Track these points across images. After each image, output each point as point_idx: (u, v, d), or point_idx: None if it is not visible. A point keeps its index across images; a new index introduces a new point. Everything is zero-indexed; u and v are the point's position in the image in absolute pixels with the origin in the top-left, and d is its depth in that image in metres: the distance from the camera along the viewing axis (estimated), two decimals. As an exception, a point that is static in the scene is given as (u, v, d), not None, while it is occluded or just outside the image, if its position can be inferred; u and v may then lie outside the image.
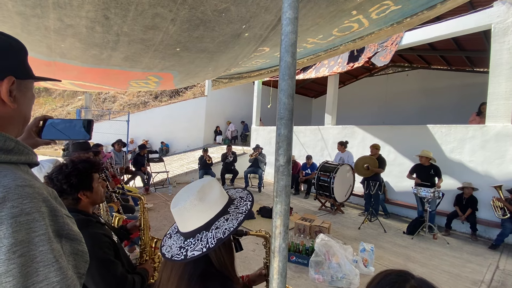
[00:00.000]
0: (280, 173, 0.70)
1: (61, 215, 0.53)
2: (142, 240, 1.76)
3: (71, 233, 0.54)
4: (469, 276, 3.15)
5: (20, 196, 0.47)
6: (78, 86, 4.73)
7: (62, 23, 2.08)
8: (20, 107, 0.59)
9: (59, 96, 14.99)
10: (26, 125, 0.65)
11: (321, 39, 2.89)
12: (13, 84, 0.55)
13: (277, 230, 0.71)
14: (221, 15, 2.05)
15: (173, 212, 0.78)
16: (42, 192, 0.51)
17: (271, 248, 0.73)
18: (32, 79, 0.62)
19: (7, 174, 0.49)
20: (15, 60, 0.58)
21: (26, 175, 0.54)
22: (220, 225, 0.74)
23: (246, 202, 0.84)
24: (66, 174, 1.22)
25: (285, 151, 0.70)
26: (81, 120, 0.85)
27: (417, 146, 5.28)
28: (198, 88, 14.14)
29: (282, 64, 0.69)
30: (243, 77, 4.61)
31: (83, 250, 0.57)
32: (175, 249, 0.75)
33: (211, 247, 0.70)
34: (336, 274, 2.80)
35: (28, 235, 0.45)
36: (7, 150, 0.52)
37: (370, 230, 4.65)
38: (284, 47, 0.68)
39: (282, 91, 0.70)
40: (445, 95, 9.44)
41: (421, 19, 2.63)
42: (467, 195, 4.53)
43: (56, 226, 0.51)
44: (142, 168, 6.57)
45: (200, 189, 0.77)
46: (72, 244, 0.54)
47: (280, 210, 0.70)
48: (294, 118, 0.73)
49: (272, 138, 9.24)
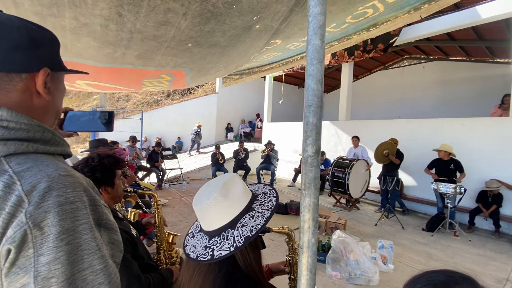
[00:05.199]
0: (309, 164, 0.66)
1: (99, 205, 0.54)
2: (157, 237, 1.77)
3: (108, 222, 0.55)
4: (493, 274, 3.02)
5: (64, 185, 0.47)
6: (93, 87, 4.82)
7: (77, 22, 2.11)
8: (54, 99, 0.59)
9: (75, 96, 15.41)
10: (58, 118, 0.65)
11: (334, 27, 2.80)
12: (48, 76, 0.55)
13: (306, 225, 0.67)
14: (232, 7, 2.01)
15: (196, 210, 0.75)
16: (82, 182, 0.52)
17: (300, 243, 0.70)
18: (64, 71, 0.62)
19: (49, 164, 0.50)
20: (49, 52, 0.57)
21: (65, 165, 0.55)
22: (246, 222, 0.71)
23: (270, 198, 0.80)
24: (92, 167, 1.23)
25: (314, 141, 0.66)
26: (102, 112, 0.83)
27: (436, 140, 5.08)
28: (209, 86, 14.19)
29: (309, 47, 0.65)
30: (254, 72, 4.57)
31: (119, 240, 0.57)
32: (200, 249, 0.72)
33: (238, 246, 0.66)
34: (354, 271, 2.74)
35: (73, 223, 0.46)
36: (45, 140, 0.53)
37: (388, 226, 4.53)
38: (312, 30, 0.64)
39: (310, 76, 0.65)
40: (464, 87, 9.05)
41: (440, 5, 2.49)
42: (494, 193, 4.32)
43: (96, 215, 0.52)
44: (156, 164, 6.77)
45: (223, 185, 0.74)
46: (109, 233, 0.55)
47: (308, 203, 0.67)
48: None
49: (284, 134, 9.17)
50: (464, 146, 4.88)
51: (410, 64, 10.78)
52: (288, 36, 2.81)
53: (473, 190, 4.58)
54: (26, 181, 0.45)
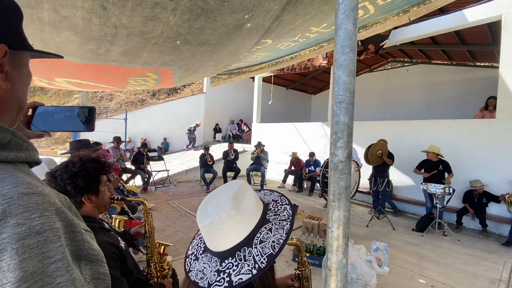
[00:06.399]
0: (339, 171, 0.55)
1: (79, 231, 0.40)
2: (148, 248, 1.61)
3: (91, 252, 0.41)
4: (486, 275, 3.05)
5: (27, 209, 0.34)
6: (74, 85, 4.54)
7: (57, 14, 1.94)
8: (14, 88, 0.43)
9: (55, 95, 14.69)
10: (21, 112, 0.49)
11: (325, 28, 2.77)
12: (5, 56, 0.40)
13: (335, 243, 0.56)
14: (223, 4, 1.92)
15: (203, 227, 0.62)
16: (54, 202, 0.38)
17: (327, 264, 0.59)
18: (28, 50, 0.47)
19: (5, 178, 0.36)
20: (7, 25, 0.42)
21: (29, 178, 0.40)
22: (264, 237, 0.59)
23: (284, 206, 0.68)
24: (73, 173, 1.06)
25: (346, 143, 0.55)
26: (81, 108, 0.67)
27: (422, 141, 5.16)
28: (197, 85, 13.93)
29: (340, 33, 0.55)
30: (243, 72, 4.47)
31: (105, 273, 0.44)
32: (210, 275, 0.60)
33: (262, 268, 0.54)
34: (351, 275, 2.68)
35: (41, 263, 0.33)
36: (1, 144, 0.39)
37: (379, 228, 4.54)
38: (343, 12, 0.54)
39: (341, 67, 0.55)
40: (447, 90, 9.34)
41: (428, 8, 2.51)
42: (479, 192, 4.41)
43: (74, 246, 0.39)
44: (142, 166, 6.53)
45: (234, 196, 0.62)
46: (92, 266, 0.41)
47: (339, 217, 0.56)
48: (293, 115, 0.58)
49: (273, 135, 9.10)
50: (450, 148, 4.98)
51: (394, 67, 11.02)
52: (279, 36, 2.78)
53: (460, 190, 4.66)
54: None
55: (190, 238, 3.74)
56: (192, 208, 5.25)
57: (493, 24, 4.95)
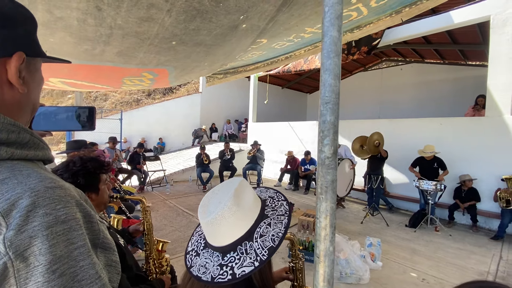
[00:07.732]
0: (326, 166, 0.61)
1: (95, 221, 0.45)
2: (147, 245, 1.66)
3: (105, 241, 0.46)
4: (475, 268, 3.15)
5: (52, 201, 0.38)
6: (68, 85, 4.52)
7: (51, 15, 1.95)
8: (30, 92, 0.47)
9: (48, 95, 14.54)
10: (34, 114, 0.52)
11: (319, 28, 2.82)
12: (23, 63, 0.44)
13: (323, 232, 0.62)
14: (218, 5, 1.95)
15: (205, 223, 0.66)
16: (73, 195, 0.43)
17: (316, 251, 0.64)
18: (42, 57, 0.50)
19: (31, 174, 0.40)
20: (25, 33, 0.45)
21: (49, 173, 0.44)
22: (264, 232, 0.63)
23: (280, 202, 0.73)
24: (73, 172, 1.10)
25: (332, 141, 0.61)
26: (81, 108, 0.70)
27: (415, 139, 5.27)
28: (193, 85, 13.91)
29: (326, 40, 0.60)
30: (239, 72, 4.51)
31: (116, 261, 0.48)
32: (213, 269, 0.63)
33: (263, 260, 0.59)
34: (345, 270, 2.75)
35: (67, 248, 0.38)
36: (21, 143, 0.42)
37: (373, 224, 4.62)
38: (328, 20, 0.59)
39: (327, 71, 0.60)
40: (440, 89, 9.49)
41: (420, 8, 2.58)
42: (467, 187, 4.53)
43: (92, 234, 0.43)
44: (138, 166, 6.52)
45: (235, 193, 0.66)
46: (106, 254, 0.46)
47: (326, 208, 0.61)
48: (288, 114, 0.63)
49: (269, 134, 9.16)
50: (442, 145, 5.09)
51: (388, 66, 11.15)
52: (274, 35, 2.80)
53: (451, 187, 4.78)
54: (2, 198, 0.36)
55: (187, 236, 3.78)
56: (189, 207, 5.28)
57: (483, 24, 5.05)
